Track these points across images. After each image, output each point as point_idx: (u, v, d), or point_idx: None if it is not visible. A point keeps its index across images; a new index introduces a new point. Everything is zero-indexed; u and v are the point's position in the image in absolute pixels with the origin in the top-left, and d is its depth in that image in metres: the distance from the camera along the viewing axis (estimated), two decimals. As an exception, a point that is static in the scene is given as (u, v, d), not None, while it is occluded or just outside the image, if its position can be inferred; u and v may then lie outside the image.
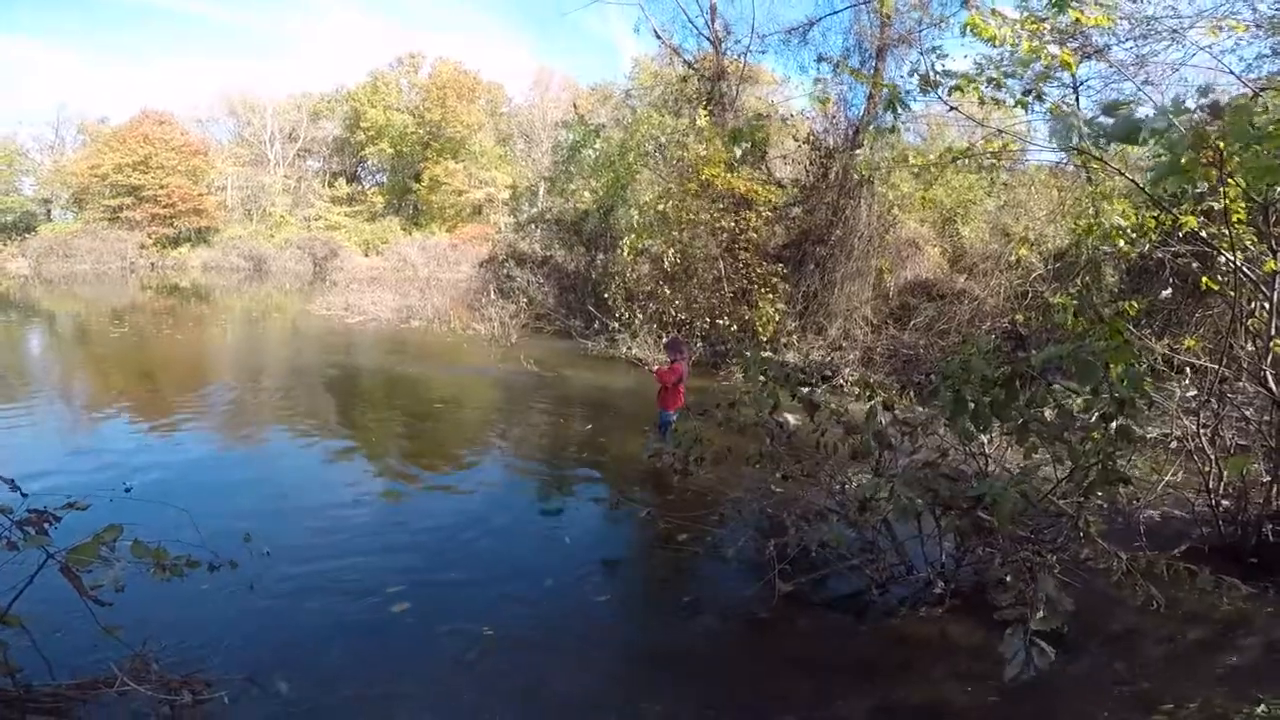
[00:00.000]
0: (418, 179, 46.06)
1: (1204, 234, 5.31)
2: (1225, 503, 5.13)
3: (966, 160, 7.07)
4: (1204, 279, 5.59)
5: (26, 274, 28.05)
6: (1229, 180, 3.96)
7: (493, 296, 18.62)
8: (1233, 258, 4.76)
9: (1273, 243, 4.54)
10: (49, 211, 40.87)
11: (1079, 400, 3.65)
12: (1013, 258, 12.90)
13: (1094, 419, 3.54)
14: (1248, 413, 5.42)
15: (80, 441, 7.18)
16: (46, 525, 2.77)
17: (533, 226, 21.98)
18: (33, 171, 42.41)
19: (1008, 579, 3.87)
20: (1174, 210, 5.36)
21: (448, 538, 5.18)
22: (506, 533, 5.38)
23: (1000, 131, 6.30)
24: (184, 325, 16.24)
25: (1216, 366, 5.22)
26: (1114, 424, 3.44)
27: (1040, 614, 2.92)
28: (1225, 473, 4.95)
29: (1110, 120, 3.24)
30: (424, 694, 3.37)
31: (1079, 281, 11.20)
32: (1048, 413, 3.67)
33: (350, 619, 3.97)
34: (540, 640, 3.92)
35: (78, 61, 67.59)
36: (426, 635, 3.86)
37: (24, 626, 2.66)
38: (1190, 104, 3.31)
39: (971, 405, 3.61)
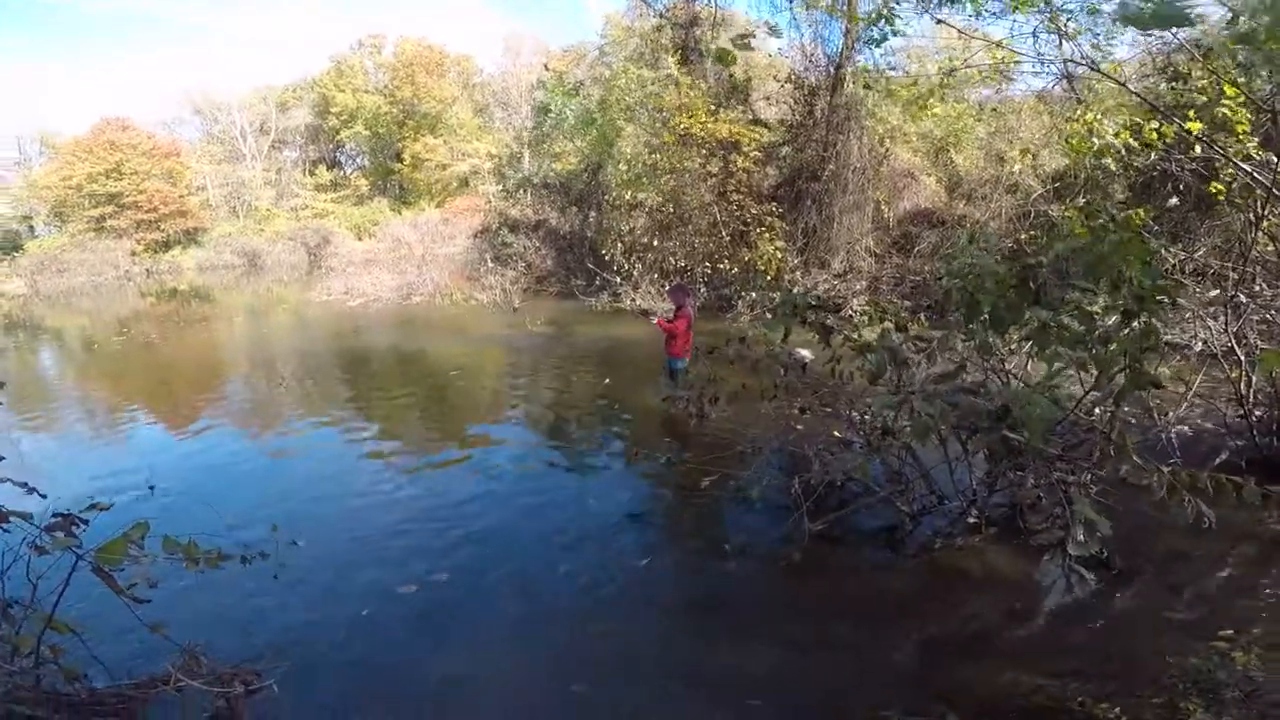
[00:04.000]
0: (399, 158, 45.36)
1: (1211, 144, 5.17)
2: (1257, 412, 5.02)
3: (961, 77, 7.00)
4: (1213, 184, 5.48)
5: (24, 293, 27.89)
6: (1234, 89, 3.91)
7: (490, 265, 18.54)
8: (1243, 166, 4.74)
9: None
10: (32, 228, 40.46)
11: (1098, 302, 3.49)
12: (1018, 173, 12.87)
13: (1115, 320, 3.40)
14: (1269, 315, 5.33)
15: (105, 448, 7.24)
16: (74, 528, 2.75)
17: (522, 192, 21.84)
18: (5, 189, 41.95)
19: (1041, 500, 3.76)
20: (1175, 121, 5.30)
21: (475, 513, 5.15)
22: (534, 501, 5.36)
23: (999, 43, 6.24)
24: (190, 327, 16.18)
25: (1234, 269, 5.16)
26: (1137, 323, 3.30)
27: (1078, 538, 2.81)
28: (1255, 377, 4.83)
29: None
30: (467, 670, 3.38)
31: (1082, 197, 11.22)
32: (1066, 319, 3.46)
33: (384, 602, 3.97)
34: (578, 605, 3.92)
35: (16, 73, 64.81)
36: (463, 613, 3.86)
37: (74, 632, 2.69)
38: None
39: (986, 311, 3.51)
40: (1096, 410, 3.90)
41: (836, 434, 5.32)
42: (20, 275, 30.59)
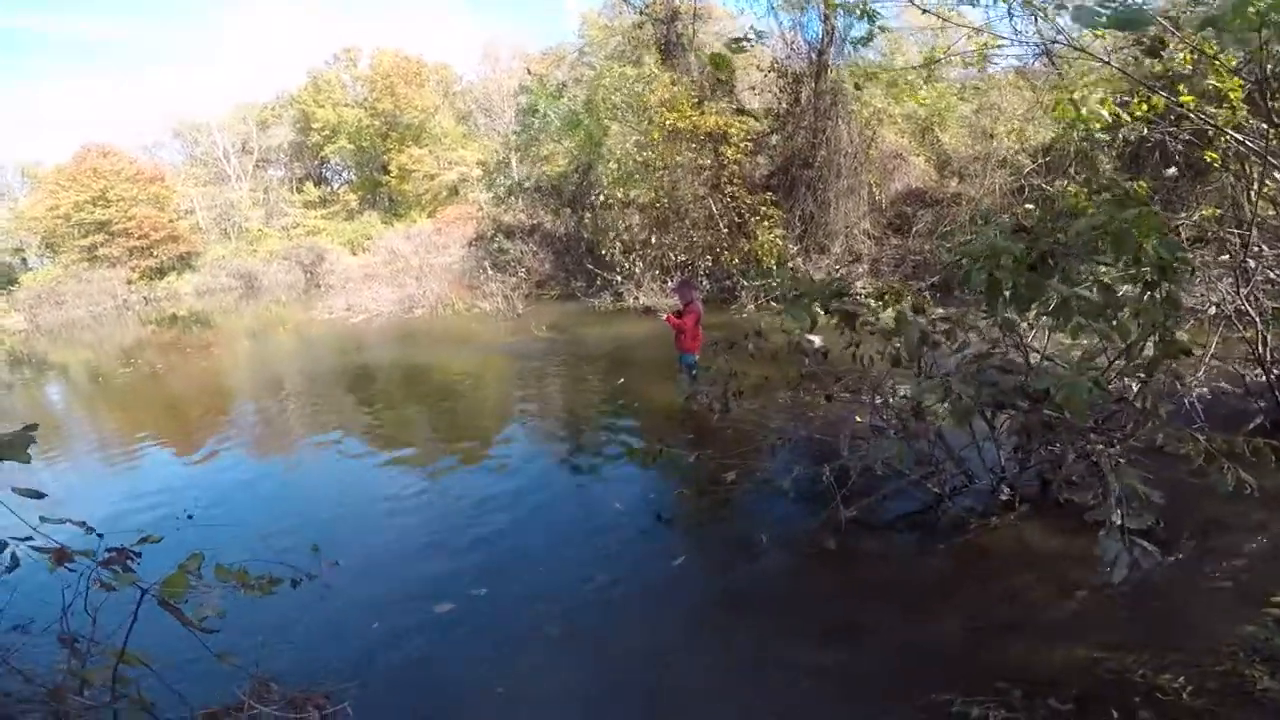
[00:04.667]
0: (385, 170, 45.31)
1: (1203, 115, 5.15)
2: (1276, 371, 5.03)
3: (946, 61, 7.04)
4: (1207, 153, 5.49)
5: (24, 327, 27.75)
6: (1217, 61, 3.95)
7: (489, 273, 18.53)
8: (1236, 135, 4.79)
9: (1275, 117, 4.54)
10: (24, 260, 40.37)
11: (1115, 272, 3.43)
12: (1007, 151, 12.94)
13: (1137, 290, 3.38)
14: (1273, 274, 5.32)
15: (130, 479, 7.22)
16: (129, 562, 2.73)
17: (513, 198, 21.85)
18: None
19: (1074, 479, 3.70)
20: (1162, 93, 5.33)
21: (502, 525, 5.11)
22: (558, 507, 5.36)
23: (979, 29, 6.28)
24: (195, 353, 16.19)
25: (1236, 233, 5.17)
26: (1159, 292, 3.26)
27: (1127, 511, 2.76)
28: (1270, 337, 4.85)
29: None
30: (515, 687, 3.34)
31: (1074, 170, 11.27)
32: (1084, 292, 3.40)
33: (424, 620, 3.95)
34: (618, 613, 3.89)
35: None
36: (505, 630, 3.80)
37: (145, 664, 2.68)
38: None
39: (1008, 289, 3.48)
40: (1115, 380, 3.87)
41: (859, 419, 5.30)
42: (19, 310, 30.49)
